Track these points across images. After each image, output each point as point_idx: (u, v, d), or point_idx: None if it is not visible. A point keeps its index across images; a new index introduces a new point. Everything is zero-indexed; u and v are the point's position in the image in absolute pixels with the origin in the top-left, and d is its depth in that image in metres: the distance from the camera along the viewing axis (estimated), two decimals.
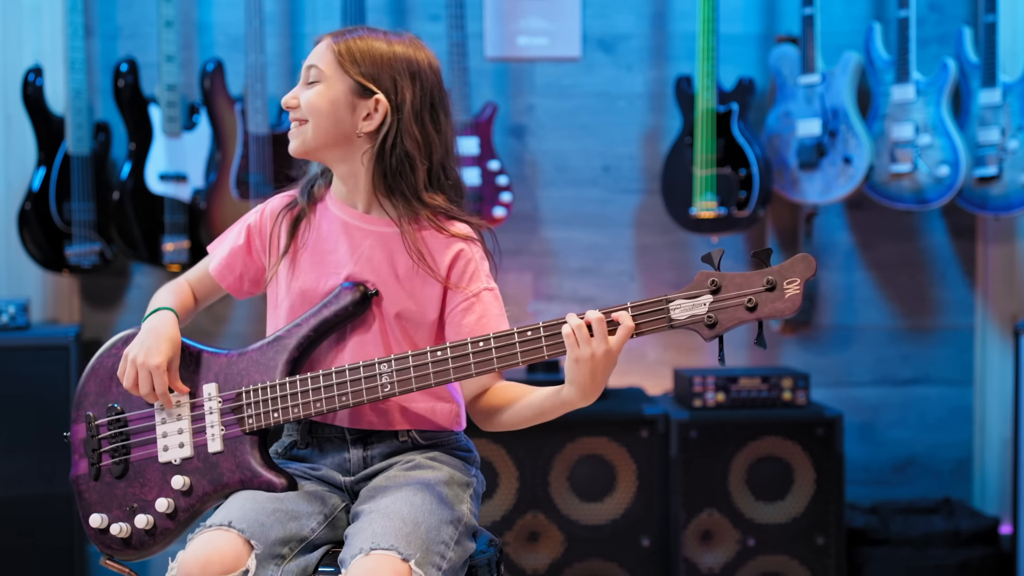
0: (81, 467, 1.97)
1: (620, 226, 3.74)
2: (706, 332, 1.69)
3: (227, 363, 1.92)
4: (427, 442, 1.94)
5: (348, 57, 1.88)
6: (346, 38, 1.90)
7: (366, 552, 1.71)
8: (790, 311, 1.66)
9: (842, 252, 3.77)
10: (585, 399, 1.75)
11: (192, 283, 2.06)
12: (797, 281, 1.66)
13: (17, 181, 3.53)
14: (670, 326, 1.70)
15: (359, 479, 1.93)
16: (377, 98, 1.88)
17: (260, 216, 2.02)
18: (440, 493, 1.85)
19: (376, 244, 1.91)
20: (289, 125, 1.95)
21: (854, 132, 3.45)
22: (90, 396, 1.98)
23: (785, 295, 1.66)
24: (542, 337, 1.74)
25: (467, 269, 1.90)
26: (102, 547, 1.95)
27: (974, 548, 3.40)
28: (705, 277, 1.70)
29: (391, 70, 1.88)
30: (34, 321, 3.54)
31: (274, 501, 1.82)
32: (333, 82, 1.88)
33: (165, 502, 1.89)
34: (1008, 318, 3.70)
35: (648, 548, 3.28)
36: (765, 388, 3.33)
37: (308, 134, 1.90)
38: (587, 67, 3.72)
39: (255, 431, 1.88)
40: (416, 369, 1.79)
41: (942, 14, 3.72)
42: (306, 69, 1.90)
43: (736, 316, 1.68)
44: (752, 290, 1.68)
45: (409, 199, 1.89)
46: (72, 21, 3.39)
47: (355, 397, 1.83)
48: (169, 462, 1.91)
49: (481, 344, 1.76)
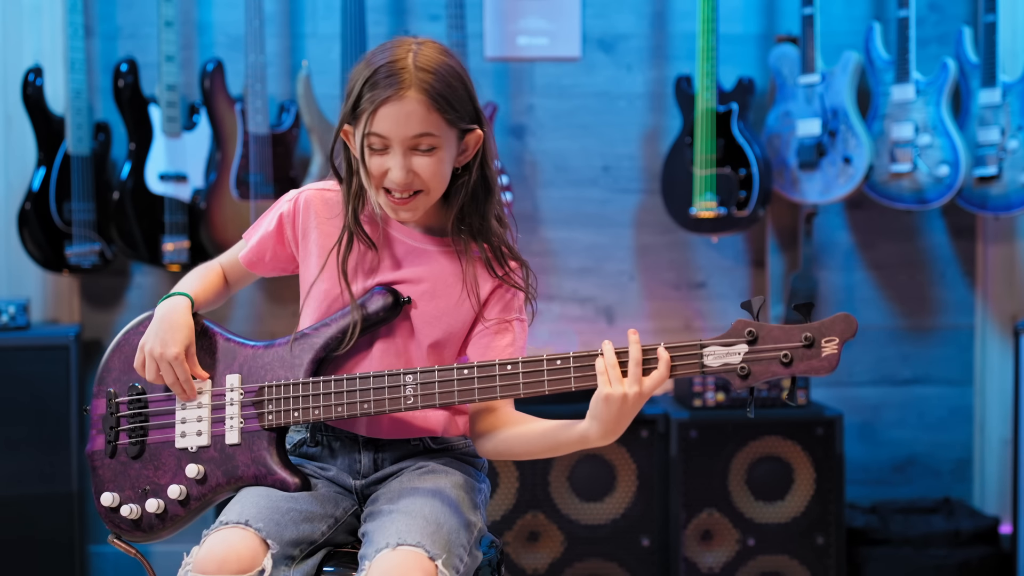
0: (98, 443, 1.94)
1: (620, 226, 3.74)
2: (738, 382, 1.66)
3: (252, 355, 1.89)
4: (438, 447, 1.93)
5: (453, 110, 1.77)
6: (435, 87, 1.75)
7: (392, 547, 1.69)
8: (826, 371, 1.62)
9: (842, 252, 3.77)
10: (605, 439, 1.71)
11: (225, 266, 2.03)
12: (836, 340, 1.61)
13: (17, 181, 3.53)
14: (702, 372, 1.68)
15: (369, 482, 1.92)
16: (476, 133, 1.82)
17: (293, 205, 1.95)
18: (456, 497, 1.83)
19: (419, 258, 1.89)
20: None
21: (854, 132, 3.45)
22: (113, 372, 1.95)
23: (822, 354, 1.62)
24: (571, 368, 1.71)
25: (504, 297, 1.88)
26: (111, 525, 1.93)
27: (974, 548, 3.40)
28: (743, 326, 1.66)
29: (472, 100, 1.81)
30: (34, 321, 3.54)
31: (288, 500, 1.81)
32: (447, 141, 1.79)
33: (177, 488, 1.87)
34: (1008, 318, 3.70)
35: (648, 548, 3.28)
36: (765, 388, 3.33)
37: (428, 204, 1.82)
38: (587, 67, 3.72)
39: (274, 428, 1.85)
40: (441, 385, 1.76)
41: (942, 14, 3.72)
42: (412, 138, 1.75)
43: (770, 370, 1.64)
44: (789, 345, 1.64)
45: (478, 227, 1.85)
46: (72, 21, 3.39)
47: (377, 407, 1.79)
48: (185, 448, 1.88)
49: (509, 367, 1.73)
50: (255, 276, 2.04)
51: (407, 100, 1.74)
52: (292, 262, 1.98)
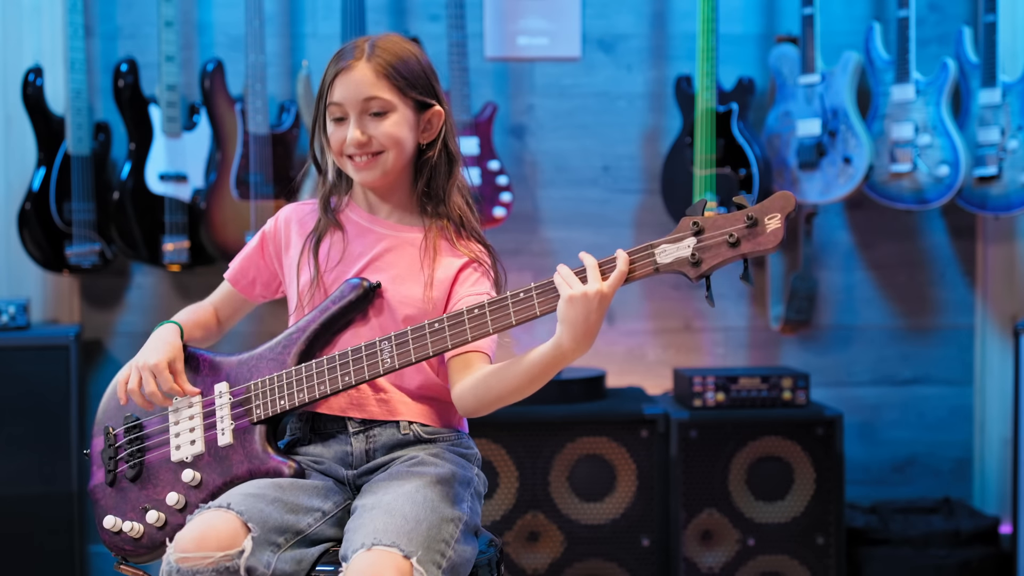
0: (98, 477, 2.01)
1: (620, 226, 3.74)
2: (692, 271, 1.71)
3: (237, 363, 1.96)
4: (429, 436, 1.95)
5: (403, 79, 1.92)
6: (384, 58, 1.91)
7: (367, 547, 1.71)
8: (772, 244, 1.67)
9: (842, 252, 3.77)
10: (576, 344, 1.73)
11: (215, 303, 2.12)
12: (778, 216, 1.66)
13: (17, 181, 3.53)
14: (656, 270, 1.73)
15: (361, 472, 1.94)
16: (436, 110, 1.96)
17: (275, 224, 2.07)
18: (442, 491, 1.85)
19: (390, 245, 1.97)
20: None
21: (854, 132, 3.45)
22: (109, 412, 2.04)
23: (767, 229, 1.67)
24: (534, 296, 1.76)
25: (473, 275, 1.95)
26: (115, 551, 1.98)
27: (974, 548, 3.40)
28: (688, 221, 1.72)
29: (429, 78, 1.96)
30: (34, 321, 3.54)
31: (276, 491, 1.83)
32: (401, 108, 1.92)
33: (175, 496, 1.92)
34: (1008, 318, 3.70)
35: (648, 548, 3.28)
36: (765, 388, 3.33)
37: (388, 163, 1.94)
38: (587, 67, 3.72)
39: (263, 420, 1.90)
40: (415, 341, 1.82)
41: (942, 14, 3.72)
42: (363, 102, 1.90)
43: (720, 253, 1.69)
44: (734, 227, 1.69)
45: (442, 200, 1.97)
46: (72, 21, 3.39)
47: (357, 375, 1.85)
48: (181, 460, 1.94)
49: (476, 311, 1.79)
50: (246, 307, 2.13)
51: (357, 69, 1.91)
52: (275, 280, 2.08)
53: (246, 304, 2.13)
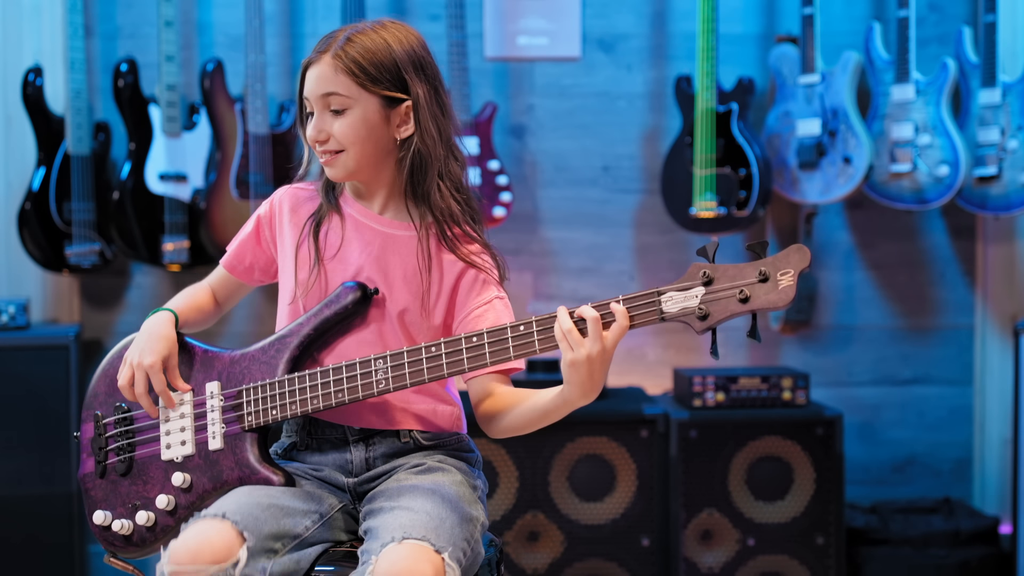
0: (88, 465, 1.99)
1: (620, 226, 3.74)
2: (698, 324, 1.66)
3: (229, 362, 1.93)
4: (429, 443, 1.94)
5: (366, 74, 1.84)
6: (348, 52, 1.84)
7: (399, 541, 1.70)
8: (783, 303, 1.62)
9: (842, 252, 3.77)
10: (586, 397, 1.73)
11: (213, 284, 2.09)
12: (791, 272, 1.61)
13: (17, 181, 3.53)
14: (661, 319, 1.68)
15: (362, 480, 1.93)
16: (408, 104, 1.87)
17: (270, 206, 2.02)
18: (456, 493, 1.84)
19: (387, 244, 1.92)
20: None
21: (854, 132, 3.45)
22: (99, 396, 2.01)
23: (779, 287, 1.62)
24: (534, 332, 1.73)
25: (476, 280, 1.90)
26: (106, 544, 1.97)
27: (974, 548, 3.40)
28: (697, 269, 1.67)
29: (402, 70, 1.86)
30: (34, 321, 3.54)
31: (269, 497, 1.82)
32: (362, 104, 1.85)
33: (165, 499, 1.90)
34: (1008, 318, 3.70)
35: (648, 548, 3.28)
36: (765, 388, 3.33)
37: (350, 163, 1.88)
38: (587, 67, 3.72)
39: (254, 428, 1.88)
40: (411, 365, 1.79)
41: (942, 14, 3.72)
42: (322, 98, 1.85)
43: (728, 308, 1.65)
44: (745, 282, 1.64)
45: (430, 195, 1.89)
46: (72, 21, 3.39)
47: (351, 394, 1.82)
48: (171, 460, 1.92)
49: (475, 339, 1.76)
50: (244, 290, 2.10)
51: (321, 63, 1.85)
52: (272, 264, 2.03)
53: (244, 287, 2.10)
